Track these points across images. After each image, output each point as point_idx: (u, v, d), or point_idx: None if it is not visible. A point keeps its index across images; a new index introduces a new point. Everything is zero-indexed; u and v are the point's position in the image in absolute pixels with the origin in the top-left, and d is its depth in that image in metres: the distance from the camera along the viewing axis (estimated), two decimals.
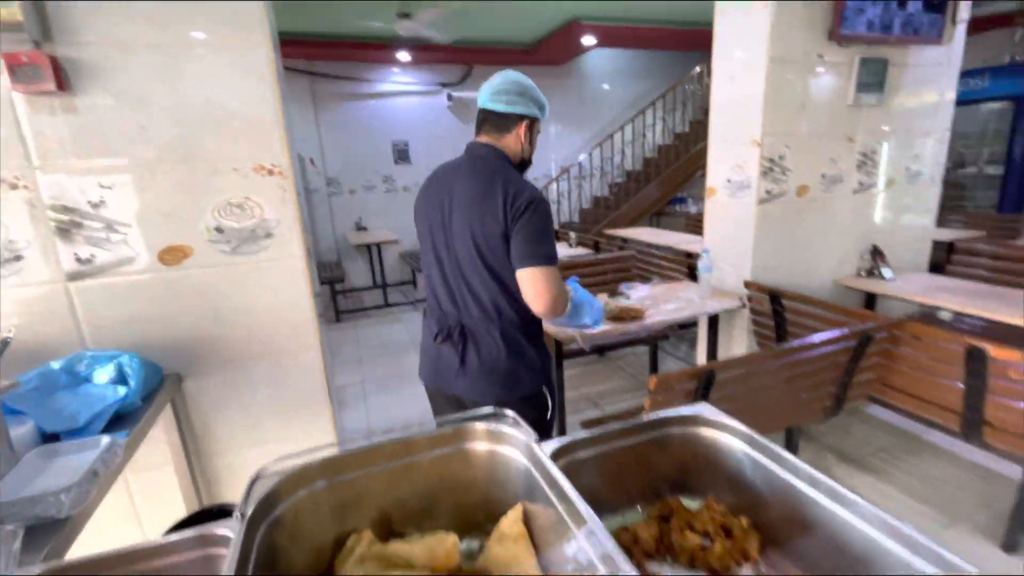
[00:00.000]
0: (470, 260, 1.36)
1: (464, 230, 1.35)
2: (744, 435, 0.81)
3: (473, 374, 1.40)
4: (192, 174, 1.64)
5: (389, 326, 5.32)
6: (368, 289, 6.47)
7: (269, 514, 0.63)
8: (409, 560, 0.69)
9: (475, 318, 1.40)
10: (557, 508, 0.63)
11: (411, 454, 0.75)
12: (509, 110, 1.40)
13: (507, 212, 1.29)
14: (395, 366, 4.23)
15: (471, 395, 1.41)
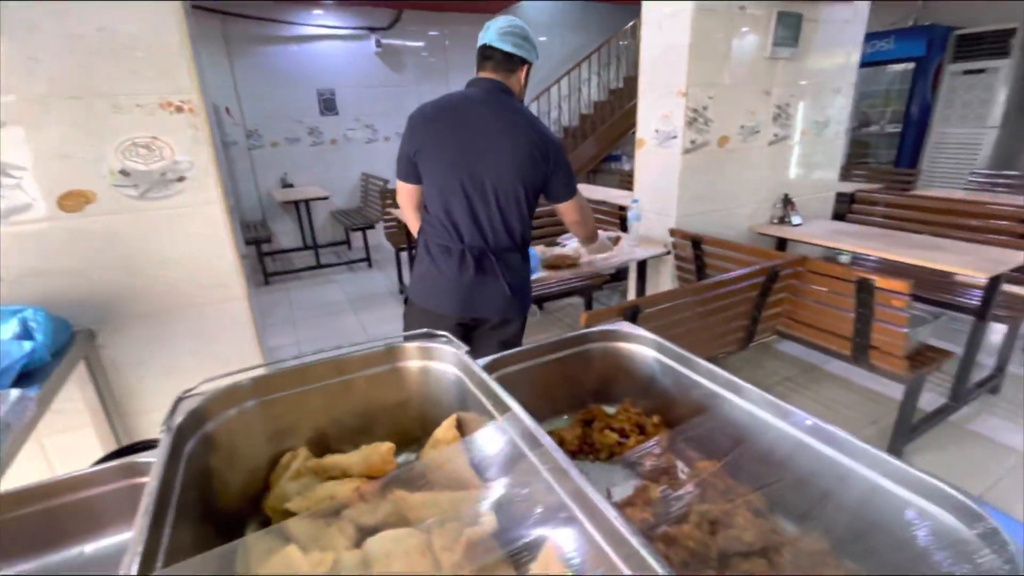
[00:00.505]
0: (514, 198, 1.49)
1: (511, 171, 1.45)
2: (655, 343, 0.90)
3: (506, 297, 1.56)
4: (90, 111, 1.49)
5: (323, 287, 5.16)
6: (298, 250, 6.20)
7: (197, 430, 0.63)
8: (345, 469, 0.72)
9: (504, 247, 1.54)
10: (485, 406, 0.68)
11: (343, 373, 0.77)
12: (516, 51, 1.46)
13: (549, 155, 1.47)
14: (331, 327, 4.15)
15: (506, 314, 1.60)
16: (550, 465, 0.53)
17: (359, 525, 0.67)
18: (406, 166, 1.56)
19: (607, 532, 0.45)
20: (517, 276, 1.60)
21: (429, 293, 1.58)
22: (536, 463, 0.55)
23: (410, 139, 1.51)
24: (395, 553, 0.58)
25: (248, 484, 0.72)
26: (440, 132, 1.46)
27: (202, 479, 0.64)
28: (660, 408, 0.90)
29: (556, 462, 0.52)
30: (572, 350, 0.92)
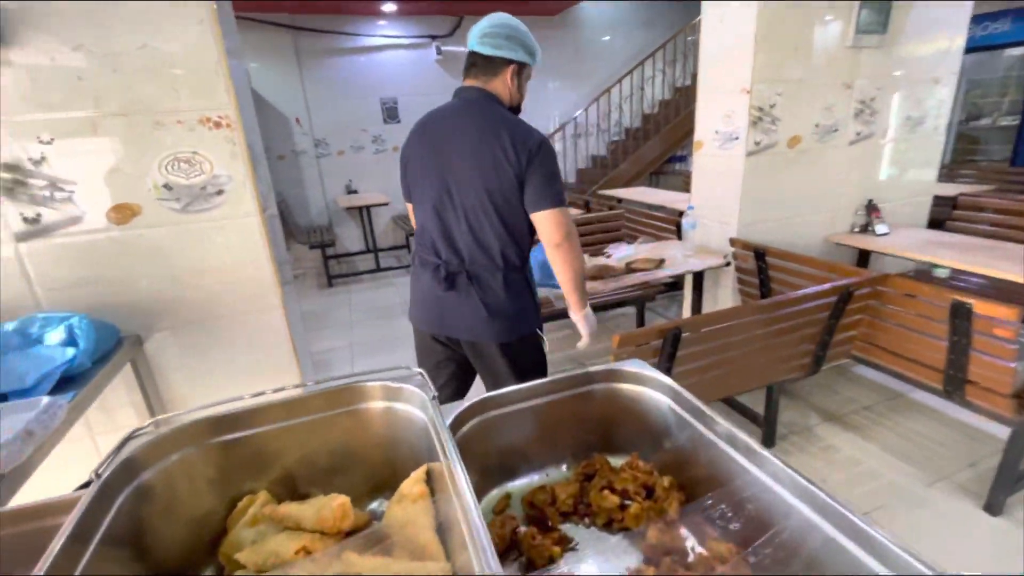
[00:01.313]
0: (482, 211, 1.37)
1: (475, 180, 1.34)
2: (668, 389, 0.76)
3: (480, 318, 1.43)
4: (134, 128, 1.56)
5: (382, 290, 5.29)
6: (361, 254, 6.42)
7: (130, 482, 0.59)
8: (299, 522, 0.65)
9: (480, 265, 1.42)
10: (444, 469, 0.59)
11: (307, 413, 0.70)
12: (496, 54, 1.36)
13: (519, 155, 1.30)
14: (386, 329, 4.22)
15: (478, 337, 1.46)
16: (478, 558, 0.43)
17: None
18: (401, 180, 1.57)
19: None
20: (498, 297, 1.42)
21: (412, 306, 1.60)
22: (472, 554, 0.45)
23: (403, 153, 1.54)
24: None
25: (202, 527, 0.67)
26: (421, 146, 1.45)
27: (135, 530, 0.59)
28: (674, 466, 0.76)
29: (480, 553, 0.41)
30: (572, 391, 0.80)
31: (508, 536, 0.70)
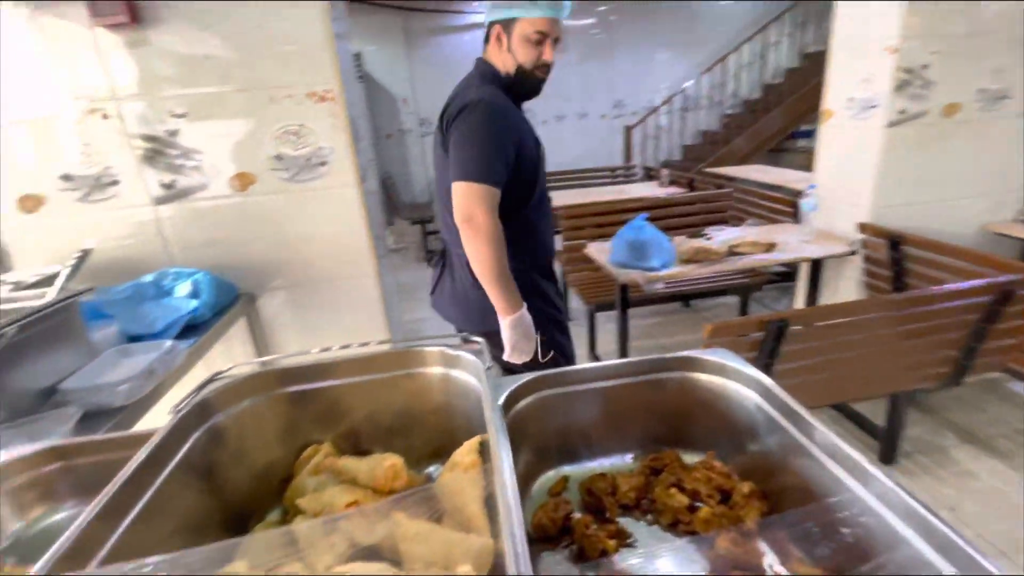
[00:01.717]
0: (441, 184, 1.32)
1: (439, 158, 1.33)
2: (758, 385, 0.66)
3: (445, 299, 1.42)
4: (252, 102, 1.70)
5: None
6: (439, 233, 6.60)
7: (205, 422, 0.63)
8: (354, 477, 0.67)
9: (450, 243, 1.39)
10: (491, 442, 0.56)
11: (369, 372, 0.71)
12: (487, 19, 1.29)
13: (444, 124, 1.25)
14: None
15: (453, 323, 1.44)
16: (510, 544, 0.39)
17: (354, 541, 0.61)
18: None
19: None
20: (464, 283, 1.33)
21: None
22: (504, 533, 0.42)
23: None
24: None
25: (272, 471, 0.71)
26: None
27: (208, 469, 0.63)
28: (756, 472, 0.67)
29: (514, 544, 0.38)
30: (642, 377, 0.73)
31: (560, 520, 0.66)
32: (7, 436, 0.97)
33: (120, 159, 1.69)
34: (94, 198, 1.72)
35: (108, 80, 1.61)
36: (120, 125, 1.66)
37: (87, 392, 1.11)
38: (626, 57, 6.32)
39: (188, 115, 1.68)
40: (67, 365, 1.19)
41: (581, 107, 6.42)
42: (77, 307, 1.23)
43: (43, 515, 0.75)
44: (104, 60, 1.59)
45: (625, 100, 6.45)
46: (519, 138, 1.22)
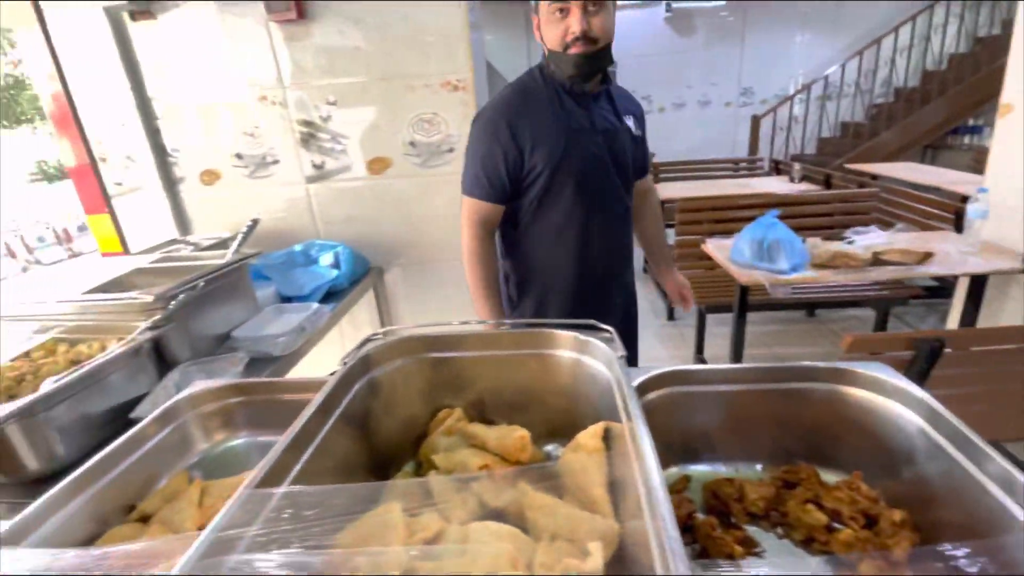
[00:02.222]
0: None
1: None
2: (922, 407, 0.60)
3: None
4: (392, 90, 1.83)
5: None
6: None
7: (365, 374, 0.71)
8: (484, 443, 0.71)
9: None
10: (627, 430, 0.57)
11: (500, 348, 0.75)
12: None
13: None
14: None
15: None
16: (659, 542, 0.40)
17: (483, 502, 0.66)
18: None
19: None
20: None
21: None
22: (649, 527, 0.43)
23: None
24: (486, 549, 0.54)
25: (410, 426, 0.79)
26: None
27: (363, 415, 0.72)
28: (910, 500, 0.60)
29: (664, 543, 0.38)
30: (783, 385, 0.69)
31: (683, 519, 0.65)
32: (191, 371, 1.17)
33: (282, 141, 1.92)
34: (258, 175, 1.98)
35: (276, 70, 1.83)
36: (284, 111, 1.88)
37: (253, 341, 1.29)
38: (758, 40, 5.83)
39: (338, 102, 1.86)
40: (237, 317, 1.39)
41: (704, 94, 6.06)
42: (247, 268, 1.44)
43: (224, 440, 0.90)
44: (274, 52, 1.81)
45: (754, 87, 5.97)
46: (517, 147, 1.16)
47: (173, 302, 1.14)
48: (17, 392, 1.01)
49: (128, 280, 1.39)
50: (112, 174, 2.01)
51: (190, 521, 0.71)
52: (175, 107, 1.90)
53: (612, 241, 1.30)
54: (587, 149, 1.18)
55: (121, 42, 1.81)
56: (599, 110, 1.22)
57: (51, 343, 1.15)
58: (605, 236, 1.27)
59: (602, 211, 1.25)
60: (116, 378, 1.03)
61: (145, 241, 1.96)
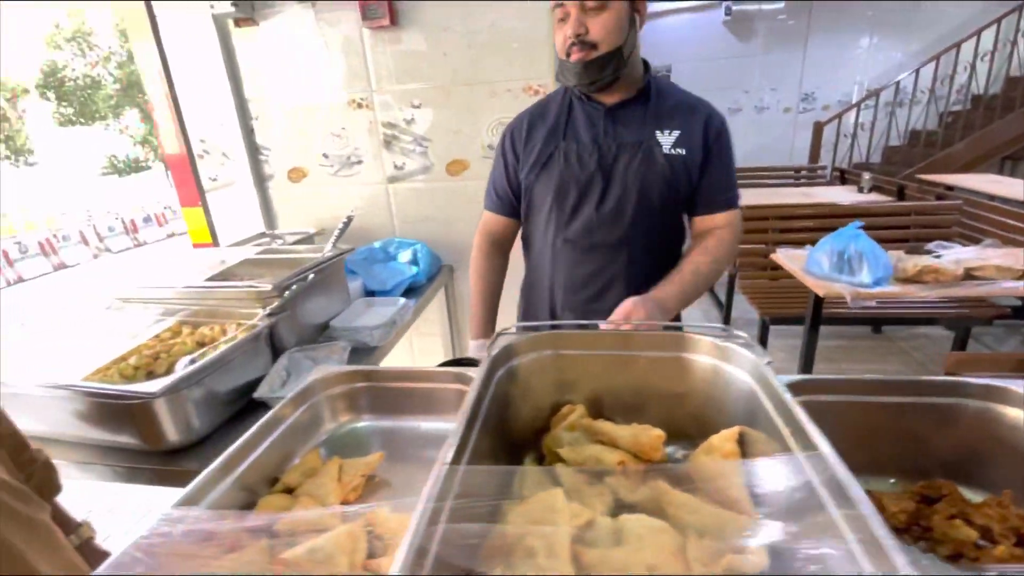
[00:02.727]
0: None
1: None
2: None
3: None
4: (475, 95, 1.89)
5: None
6: None
7: (507, 362, 0.75)
8: (614, 439, 0.74)
9: None
10: (780, 431, 0.58)
11: (629, 348, 0.77)
12: None
13: None
14: None
15: None
16: (862, 536, 0.41)
17: (617, 497, 0.69)
18: None
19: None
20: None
21: None
22: (840, 524, 0.44)
23: None
24: (647, 541, 0.57)
25: (534, 419, 0.82)
26: None
27: (503, 403, 0.75)
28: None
29: (872, 534, 0.40)
30: (928, 399, 0.68)
31: None
32: (297, 357, 1.24)
33: (367, 142, 2.01)
34: (342, 174, 2.07)
35: (366, 74, 1.91)
36: (370, 113, 1.96)
37: (351, 331, 1.36)
38: (822, 44, 5.65)
39: (422, 106, 1.93)
40: (334, 308, 1.47)
41: (761, 99, 5.91)
42: (343, 262, 1.51)
43: (348, 421, 0.96)
44: (365, 57, 1.89)
45: (816, 92, 5.78)
46: (515, 156, 1.18)
47: (287, 291, 1.22)
48: (154, 368, 1.10)
49: (234, 270, 1.49)
50: (208, 170, 2.14)
51: (333, 495, 0.76)
52: (269, 108, 2.01)
53: (594, 275, 1.13)
54: (571, 165, 1.08)
55: (225, 47, 1.93)
56: (622, 123, 1.09)
57: (177, 325, 1.24)
58: (582, 266, 1.13)
59: (579, 237, 1.11)
60: (239, 361, 1.10)
61: (235, 234, 2.08)
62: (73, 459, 1.02)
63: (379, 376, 0.95)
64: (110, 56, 15.17)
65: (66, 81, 14.57)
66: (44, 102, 14.67)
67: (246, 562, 0.64)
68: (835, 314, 2.49)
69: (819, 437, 0.52)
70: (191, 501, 0.68)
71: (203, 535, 0.66)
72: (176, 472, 0.99)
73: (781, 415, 0.59)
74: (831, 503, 0.47)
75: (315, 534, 0.69)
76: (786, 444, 0.58)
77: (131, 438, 0.97)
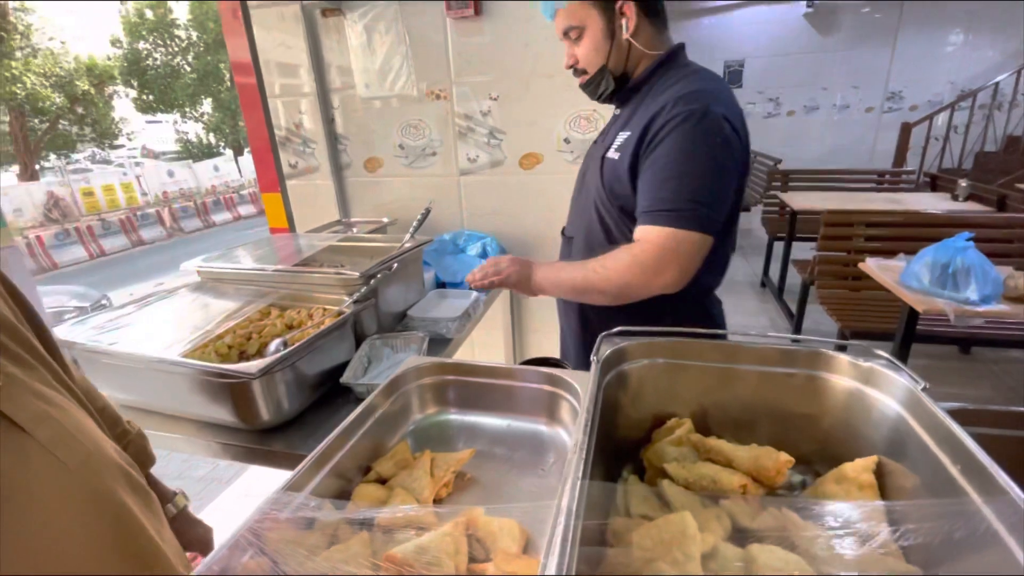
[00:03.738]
0: None
1: None
2: None
3: None
4: (554, 87, 1.84)
5: None
6: None
7: (617, 366, 0.71)
8: (730, 460, 0.69)
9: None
10: (943, 466, 0.52)
11: (747, 362, 0.72)
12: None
13: None
14: None
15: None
16: None
17: (735, 522, 0.64)
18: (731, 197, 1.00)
19: None
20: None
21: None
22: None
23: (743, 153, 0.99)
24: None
25: (635, 428, 0.78)
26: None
27: (608, 410, 0.72)
28: None
29: None
30: None
31: None
32: (377, 345, 1.25)
33: (442, 134, 2.01)
34: (416, 165, 2.08)
35: (447, 65, 1.91)
36: (448, 105, 1.96)
37: (428, 322, 1.36)
38: (913, 40, 5.24)
39: (500, 98, 1.90)
40: (411, 298, 1.47)
41: (842, 98, 5.55)
42: (421, 253, 1.51)
43: (435, 413, 0.95)
44: (447, 47, 1.89)
45: (904, 92, 5.38)
46: None
47: (372, 279, 1.23)
48: (246, 348, 1.13)
49: (317, 256, 1.52)
50: (289, 157, 2.21)
51: (427, 490, 0.75)
52: (350, 98, 2.05)
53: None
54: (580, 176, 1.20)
55: (311, 36, 1.98)
56: (618, 126, 1.08)
57: (266, 307, 1.28)
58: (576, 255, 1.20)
59: (572, 235, 1.23)
60: (327, 345, 1.12)
61: (309, 221, 2.14)
62: (170, 431, 1.07)
63: (467, 370, 0.93)
64: (189, 47, 16.07)
65: (148, 70, 15.56)
66: (129, 89, 15.74)
67: (352, 554, 0.63)
68: (926, 331, 2.30)
69: (1007, 479, 0.46)
70: (296, 487, 0.68)
71: (306, 522, 0.66)
72: (265, 452, 1.02)
73: (946, 449, 0.53)
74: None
75: (413, 530, 0.69)
76: (951, 479, 0.52)
77: (228, 415, 1.00)
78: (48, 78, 13.02)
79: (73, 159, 18.19)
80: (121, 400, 1.15)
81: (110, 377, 1.12)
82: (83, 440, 0.56)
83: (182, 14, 15.91)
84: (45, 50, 13.23)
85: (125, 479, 0.60)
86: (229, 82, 15.55)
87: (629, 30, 1.00)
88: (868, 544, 0.57)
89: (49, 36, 13.53)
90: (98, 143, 16.41)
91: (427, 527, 0.68)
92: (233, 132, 17.28)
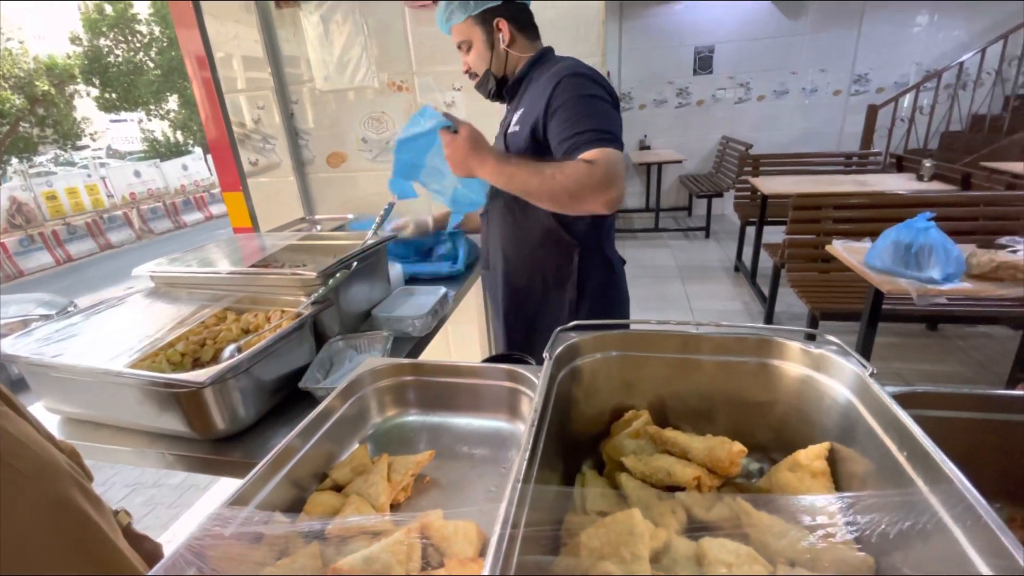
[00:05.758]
0: None
1: None
2: None
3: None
4: None
5: (655, 251, 5.22)
6: (639, 211, 6.42)
7: (570, 362, 0.70)
8: (685, 451, 0.68)
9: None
10: (890, 453, 0.51)
11: (700, 352, 0.71)
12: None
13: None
14: (655, 292, 4.18)
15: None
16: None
17: (690, 514, 0.63)
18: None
19: None
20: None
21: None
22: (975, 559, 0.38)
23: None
24: (734, 570, 0.51)
25: (592, 422, 0.77)
26: None
27: (563, 406, 0.71)
28: None
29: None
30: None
31: None
32: (340, 346, 1.22)
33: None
34: (381, 159, 2.04)
35: (408, 55, 1.86)
36: (410, 96, 1.91)
37: (393, 321, 1.33)
38: (878, 22, 5.31)
39: (463, 88, 1.87)
40: (376, 296, 1.44)
41: (810, 82, 5.61)
42: (385, 249, 1.48)
43: (395, 415, 0.93)
44: (407, 37, 1.84)
45: (870, 74, 5.45)
46: None
47: (331, 279, 1.19)
48: (200, 355, 1.09)
49: (276, 256, 1.47)
50: (249, 155, 2.14)
51: (384, 495, 0.73)
52: (309, 91, 1.99)
53: (496, 232, 1.41)
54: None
55: (266, 28, 1.91)
56: (511, 113, 1.31)
57: (221, 311, 1.23)
58: (494, 225, 1.40)
59: (492, 199, 1.39)
60: (284, 349, 1.09)
61: (274, 219, 2.08)
62: (121, 444, 1.03)
63: (427, 370, 0.91)
64: (151, 42, 15.53)
65: (110, 67, 15.01)
66: (91, 88, 15.17)
67: (299, 567, 0.61)
68: (893, 310, 2.35)
69: (948, 465, 0.45)
70: (242, 499, 0.66)
71: (253, 537, 0.64)
72: (222, 462, 0.98)
73: (893, 435, 0.52)
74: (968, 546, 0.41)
75: (367, 538, 0.67)
76: (896, 468, 0.51)
77: (181, 425, 0.97)
78: (7, 80, 12.49)
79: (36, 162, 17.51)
80: (69, 413, 1.10)
81: (56, 391, 1.07)
82: (35, 448, 0.55)
83: (143, 9, 15.34)
84: (3, 51, 12.67)
85: (78, 487, 0.60)
86: None
87: (505, 41, 1.25)
88: (819, 533, 0.57)
89: (7, 37, 12.97)
90: (61, 145, 15.81)
91: (382, 535, 0.66)
92: (201, 129, 16.80)
